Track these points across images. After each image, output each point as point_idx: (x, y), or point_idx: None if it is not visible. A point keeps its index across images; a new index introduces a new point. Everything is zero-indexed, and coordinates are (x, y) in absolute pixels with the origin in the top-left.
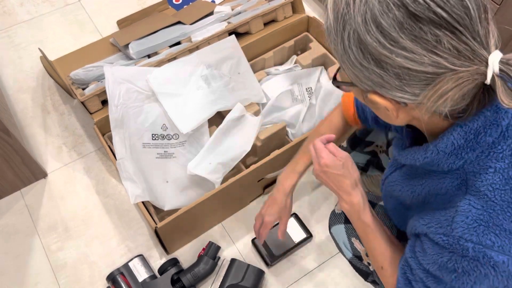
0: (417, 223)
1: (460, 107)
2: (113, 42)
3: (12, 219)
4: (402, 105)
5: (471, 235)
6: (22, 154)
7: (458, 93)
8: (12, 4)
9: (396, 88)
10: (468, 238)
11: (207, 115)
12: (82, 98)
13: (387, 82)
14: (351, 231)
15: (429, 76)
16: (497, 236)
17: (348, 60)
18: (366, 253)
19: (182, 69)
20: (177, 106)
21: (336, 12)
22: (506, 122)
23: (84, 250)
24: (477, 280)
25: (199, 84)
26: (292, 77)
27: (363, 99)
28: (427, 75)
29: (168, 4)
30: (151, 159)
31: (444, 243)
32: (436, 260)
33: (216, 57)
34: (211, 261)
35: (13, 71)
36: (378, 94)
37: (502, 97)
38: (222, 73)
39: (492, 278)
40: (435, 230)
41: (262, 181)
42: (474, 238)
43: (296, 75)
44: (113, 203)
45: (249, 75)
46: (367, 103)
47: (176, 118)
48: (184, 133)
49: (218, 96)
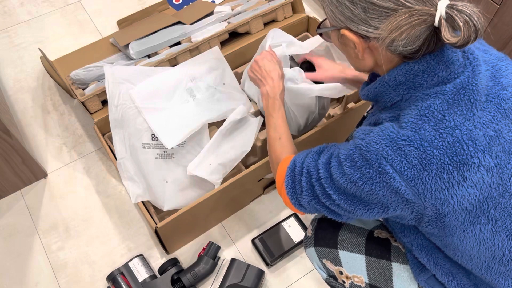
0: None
1: (413, 48)
2: (113, 42)
3: (12, 219)
4: (366, 40)
5: (376, 144)
6: (22, 154)
7: (411, 31)
8: (12, 4)
9: (362, 21)
10: (373, 145)
11: (193, 128)
12: (82, 98)
13: (356, 16)
14: (321, 253)
15: (388, 11)
16: (393, 151)
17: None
18: (340, 271)
19: (166, 82)
20: (162, 120)
21: None
22: (443, 74)
23: (84, 250)
24: (364, 177)
25: (184, 97)
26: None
27: (337, 40)
28: (387, 10)
29: (168, 4)
30: (151, 159)
31: (358, 144)
32: (349, 150)
33: (200, 69)
34: (211, 261)
35: (13, 71)
36: (348, 29)
37: (445, 34)
38: (207, 84)
39: (375, 183)
40: (358, 135)
41: (262, 181)
42: (377, 146)
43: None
44: (113, 203)
45: (235, 85)
46: (340, 45)
47: (161, 133)
48: (169, 148)
49: (204, 108)
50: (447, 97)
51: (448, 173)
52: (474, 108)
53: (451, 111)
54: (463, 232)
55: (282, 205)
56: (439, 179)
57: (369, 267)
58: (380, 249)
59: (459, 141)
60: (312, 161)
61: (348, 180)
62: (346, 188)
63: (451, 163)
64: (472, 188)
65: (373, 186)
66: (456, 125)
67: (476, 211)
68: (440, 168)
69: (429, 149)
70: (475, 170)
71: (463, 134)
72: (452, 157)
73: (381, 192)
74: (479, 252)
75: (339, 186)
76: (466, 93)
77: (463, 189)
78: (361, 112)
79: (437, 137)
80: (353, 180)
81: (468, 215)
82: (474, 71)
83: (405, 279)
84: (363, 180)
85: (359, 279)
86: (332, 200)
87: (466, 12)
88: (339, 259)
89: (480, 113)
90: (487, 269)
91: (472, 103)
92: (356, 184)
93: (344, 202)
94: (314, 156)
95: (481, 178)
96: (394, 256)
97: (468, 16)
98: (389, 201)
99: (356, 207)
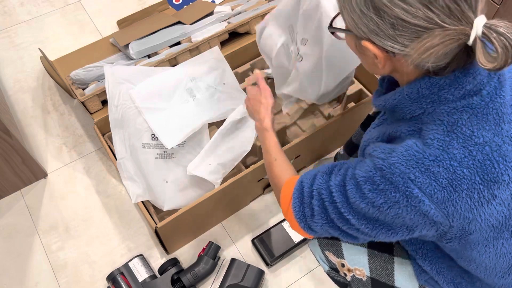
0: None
1: (441, 65)
2: (113, 42)
3: (12, 219)
4: (390, 54)
5: (401, 165)
6: (22, 154)
7: (442, 50)
8: (12, 4)
9: (389, 37)
10: (398, 166)
11: (193, 128)
12: (82, 98)
13: (382, 31)
14: (324, 245)
15: (420, 30)
16: (421, 173)
17: (349, 5)
18: (342, 263)
19: (166, 82)
20: (162, 120)
21: None
22: (470, 87)
23: (84, 250)
24: (389, 201)
25: (184, 97)
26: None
27: (354, 46)
28: (418, 28)
29: (168, 4)
30: (151, 159)
31: (379, 164)
32: (367, 171)
33: (200, 69)
34: (211, 261)
35: (14, 71)
36: (371, 41)
37: (480, 57)
38: (207, 84)
39: (402, 207)
40: (377, 154)
41: (262, 181)
42: (403, 168)
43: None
44: (113, 203)
45: (235, 85)
46: (357, 50)
47: (161, 133)
48: (169, 148)
49: (204, 108)
50: (475, 111)
51: (478, 193)
52: (501, 122)
53: (479, 126)
54: (485, 247)
55: None
56: (470, 199)
57: (371, 260)
58: (383, 243)
59: (489, 158)
60: (322, 182)
61: (370, 205)
62: (367, 212)
63: (481, 182)
64: (501, 206)
65: (399, 211)
66: (485, 141)
67: (501, 227)
68: (471, 188)
69: (459, 169)
70: (505, 187)
71: (493, 151)
72: (483, 175)
73: (407, 216)
74: (496, 264)
75: (358, 210)
76: (494, 106)
77: (491, 207)
78: (361, 112)
79: (467, 155)
80: (377, 205)
81: (492, 231)
82: (500, 81)
83: (407, 274)
84: (388, 204)
85: (360, 272)
86: (350, 224)
87: (506, 35)
88: (342, 251)
89: (507, 127)
90: (501, 278)
91: (500, 116)
92: (380, 208)
93: (365, 227)
94: (324, 177)
95: (510, 195)
96: (397, 250)
97: (508, 40)
98: (415, 223)
99: (378, 232)
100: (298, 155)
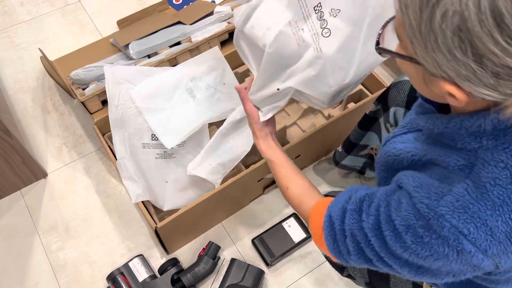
0: (406, 180)
1: None
2: (113, 42)
3: (12, 219)
4: (478, 99)
5: (453, 218)
6: (22, 154)
7: None
8: (12, 4)
9: (487, 85)
10: (449, 219)
11: (193, 128)
12: (82, 98)
13: (479, 79)
14: None
15: None
16: (476, 228)
17: (431, 42)
18: None
19: (166, 82)
20: (162, 120)
21: None
22: None
23: (84, 250)
24: (436, 255)
25: (184, 97)
26: None
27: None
28: None
29: (168, 4)
30: (151, 159)
31: (424, 213)
32: (408, 219)
33: (200, 69)
34: (211, 261)
35: (14, 71)
36: (455, 85)
37: None
38: (207, 84)
39: (451, 260)
40: (421, 197)
41: (262, 181)
42: (454, 222)
43: None
44: (113, 203)
45: (235, 85)
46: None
47: (161, 133)
48: (169, 148)
49: (204, 108)
50: None
51: None
52: None
53: None
54: None
55: (282, 205)
56: None
57: None
58: None
59: None
60: (353, 222)
61: (413, 255)
62: (409, 259)
63: None
64: None
65: (447, 262)
66: None
67: None
68: None
69: None
70: None
71: None
72: None
73: (456, 266)
74: None
75: (400, 257)
76: None
77: None
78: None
79: None
80: (421, 256)
81: None
82: None
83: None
84: (434, 257)
85: None
86: (392, 269)
87: None
88: None
89: None
90: None
91: None
92: (425, 260)
93: (408, 273)
94: (354, 215)
95: None
96: None
97: None
98: (463, 272)
99: (422, 277)
100: (298, 155)
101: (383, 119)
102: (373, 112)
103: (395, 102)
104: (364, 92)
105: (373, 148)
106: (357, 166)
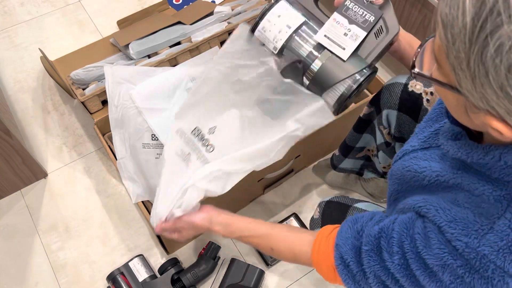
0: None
1: None
2: (113, 42)
3: (12, 219)
4: None
5: (498, 259)
6: (22, 154)
7: None
8: (12, 4)
9: None
10: (493, 260)
11: None
12: (82, 98)
13: None
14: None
15: None
16: None
17: (481, 78)
18: None
19: (166, 82)
20: (162, 120)
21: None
22: None
23: (85, 249)
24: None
25: (184, 97)
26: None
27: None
28: None
29: (168, 4)
30: (151, 159)
31: (463, 252)
32: (442, 257)
33: (200, 69)
34: (211, 261)
35: (14, 71)
36: (502, 121)
37: None
38: None
39: None
40: (458, 235)
41: (262, 181)
42: (499, 262)
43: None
44: (113, 203)
45: None
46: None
47: (162, 133)
48: None
49: None
50: None
51: None
52: None
53: None
54: None
55: (282, 205)
56: None
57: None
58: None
59: None
60: (375, 264)
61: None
62: None
63: None
64: None
65: None
66: None
67: None
68: None
69: None
70: None
71: None
72: None
73: None
74: None
75: None
76: None
77: None
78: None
79: None
80: None
81: None
82: None
83: None
84: None
85: None
86: None
87: None
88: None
89: None
90: None
91: None
92: None
93: None
94: (373, 256)
95: None
96: None
97: None
98: None
99: None
100: (298, 155)
101: (376, 121)
102: (366, 115)
103: (387, 105)
104: (364, 92)
105: (369, 149)
106: (355, 168)
